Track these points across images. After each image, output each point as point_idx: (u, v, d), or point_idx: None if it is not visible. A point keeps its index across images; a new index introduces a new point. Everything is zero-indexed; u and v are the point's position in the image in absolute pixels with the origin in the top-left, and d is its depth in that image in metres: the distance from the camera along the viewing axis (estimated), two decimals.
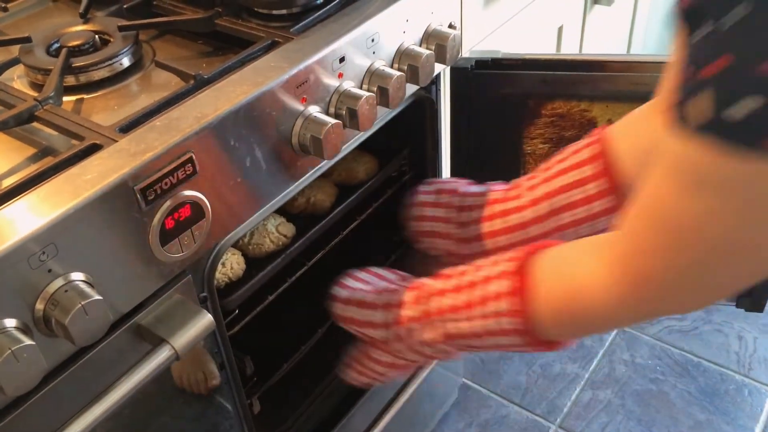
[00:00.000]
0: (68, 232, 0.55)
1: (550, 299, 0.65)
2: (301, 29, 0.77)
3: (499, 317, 0.68)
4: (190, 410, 0.77)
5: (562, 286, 0.64)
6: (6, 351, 0.51)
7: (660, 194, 0.51)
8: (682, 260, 0.52)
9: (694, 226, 0.49)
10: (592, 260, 0.60)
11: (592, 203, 0.80)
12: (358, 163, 1.02)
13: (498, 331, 0.69)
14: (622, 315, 0.62)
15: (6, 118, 0.66)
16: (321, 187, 0.99)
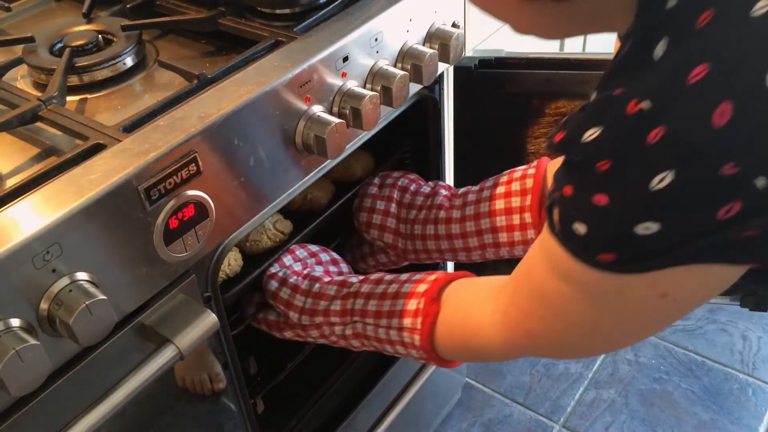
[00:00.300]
0: (72, 231, 0.55)
1: (448, 328, 0.74)
2: (305, 29, 0.77)
3: (410, 332, 0.76)
4: (193, 410, 0.77)
5: (459, 320, 0.73)
6: (10, 351, 0.51)
7: (535, 265, 0.58)
8: (551, 326, 0.59)
9: (558, 303, 0.56)
10: (485, 304, 0.68)
11: (513, 232, 0.88)
12: (356, 160, 1.03)
13: (406, 343, 0.77)
14: (508, 355, 0.70)
15: (10, 118, 0.66)
16: (318, 184, 0.98)
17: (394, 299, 0.79)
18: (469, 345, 0.72)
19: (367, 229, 0.98)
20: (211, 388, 0.78)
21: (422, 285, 0.78)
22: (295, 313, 0.86)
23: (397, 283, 0.81)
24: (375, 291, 0.82)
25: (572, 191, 0.48)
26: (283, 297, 0.87)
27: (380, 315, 0.79)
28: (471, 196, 0.92)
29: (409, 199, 0.97)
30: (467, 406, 1.45)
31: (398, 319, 0.78)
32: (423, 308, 0.75)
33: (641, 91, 0.43)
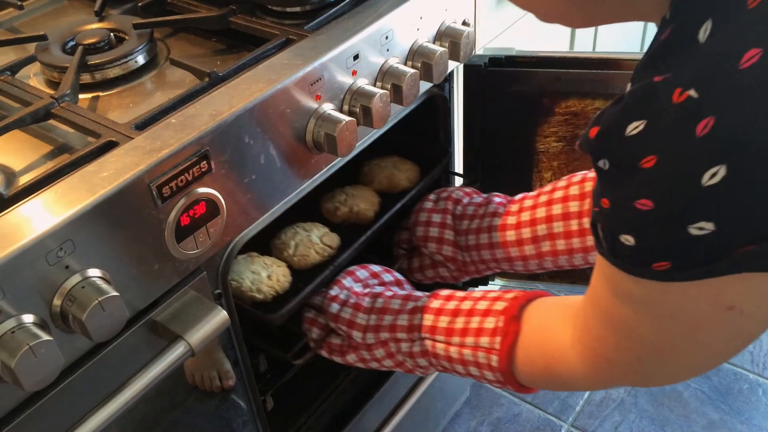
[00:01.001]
0: (85, 228, 0.55)
1: (529, 351, 0.69)
2: (315, 27, 0.78)
3: (487, 353, 0.71)
4: (203, 407, 0.78)
5: (540, 344, 0.68)
6: (24, 346, 0.51)
7: (598, 289, 0.55)
8: (628, 354, 0.56)
9: (627, 329, 0.54)
10: (565, 328, 0.64)
11: (571, 238, 0.84)
12: (400, 171, 1.02)
13: (481, 364, 0.72)
14: (595, 385, 0.67)
15: (23, 116, 0.66)
16: (363, 196, 0.98)
17: (468, 316, 0.74)
18: (551, 372, 0.66)
19: (425, 243, 0.95)
20: (220, 385, 0.78)
21: (500, 303, 0.73)
22: (358, 332, 0.82)
23: (470, 300, 0.76)
24: (446, 307, 0.77)
25: (611, 202, 0.45)
26: (344, 317, 0.83)
27: (452, 332, 0.74)
28: (527, 201, 0.88)
29: (461, 211, 0.94)
30: (476, 405, 1.45)
31: (473, 338, 0.72)
32: (502, 327, 0.70)
33: (686, 78, 0.40)
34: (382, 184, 1.01)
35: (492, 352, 0.70)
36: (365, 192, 0.99)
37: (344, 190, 0.99)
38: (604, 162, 0.45)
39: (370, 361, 0.84)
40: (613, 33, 1.57)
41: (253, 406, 0.84)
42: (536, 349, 0.68)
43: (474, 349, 0.72)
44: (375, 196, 0.99)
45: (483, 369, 0.72)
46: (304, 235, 0.91)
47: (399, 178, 1.01)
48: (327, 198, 0.99)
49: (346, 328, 0.84)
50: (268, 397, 0.92)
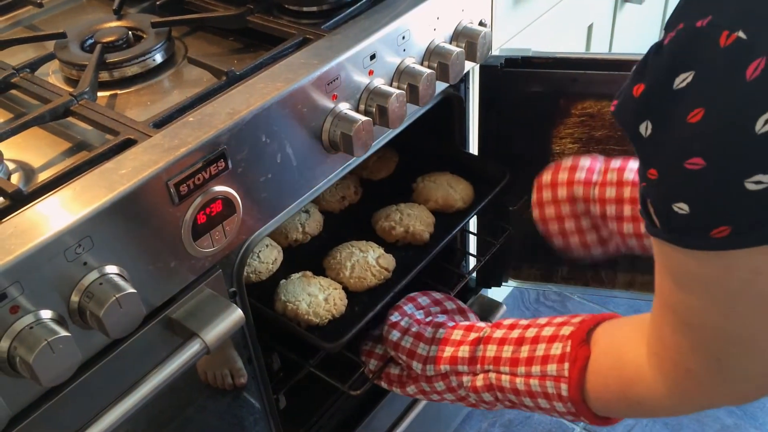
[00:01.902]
0: (103, 225, 0.55)
1: (602, 377, 0.64)
2: (332, 26, 0.78)
3: (555, 381, 0.66)
4: (216, 404, 0.78)
5: (613, 366, 0.62)
6: (42, 342, 0.51)
7: (662, 286, 0.51)
8: (705, 355, 0.50)
9: (697, 323, 0.49)
10: (639, 346, 0.58)
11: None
12: (455, 190, 1.00)
13: (550, 395, 0.67)
14: (680, 408, 0.58)
15: (42, 113, 0.67)
16: (419, 216, 0.97)
17: (533, 344, 0.69)
18: (628, 395, 0.60)
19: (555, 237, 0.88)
20: (232, 383, 0.78)
21: (567, 327, 0.68)
22: (418, 363, 0.80)
23: (535, 327, 0.71)
24: (509, 336, 0.72)
25: (658, 170, 0.42)
26: (405, 346, 0.82)
27: (517, 362, 0.70)
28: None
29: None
30: None
31: (539, 366, 0.68)
32: (570, 352, 0.65)
33: (731, 18, 0.37)
34: (437, 203, 0.99)
35: (561, 380, 0.65)
36: (421, 212, 0.98)
37: (399, 208, 0.98)
38: (646, 125, 0.41)
39: (430, 393, 0.81)
40: (629, 34, 1.56)
41: (266, 405, 0.85)
42: (609, 372, 0.63)
43: (541, 378, 0.67)
44: (430, 216, 0.98)
45: (552, 400, 0.67)
46: (360, 256, 0.90)
47: (455, 198, 0.99)
48: (381, 216, 0.98)
49: (406, 357, 0.81)
50: (281, 396, 0.93)
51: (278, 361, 0.93)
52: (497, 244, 1.05)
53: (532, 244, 1.08)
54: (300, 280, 0.87)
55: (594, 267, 1.12)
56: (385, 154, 1.11)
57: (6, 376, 0.53)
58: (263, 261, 0.92)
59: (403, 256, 0.92)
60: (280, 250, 0.96)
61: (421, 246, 0.94)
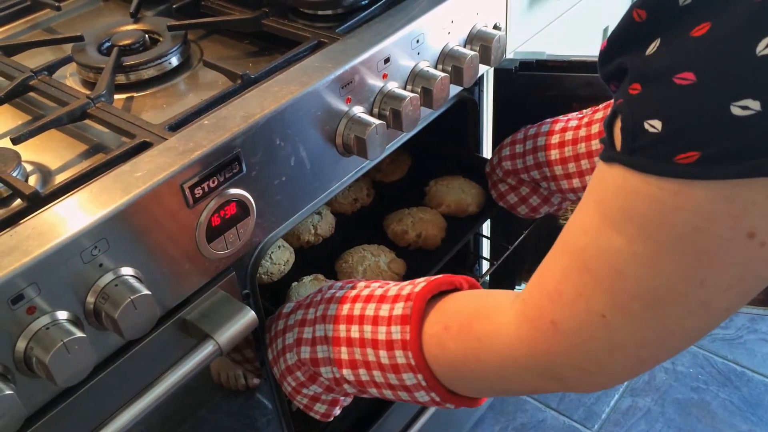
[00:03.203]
0: (119, 228, 0.56)
1: (440, 322, 0.60)
2: (347, 30, 0.78)
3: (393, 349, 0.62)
4: (229, 405, 0.78)
5: (459, 311, 0.59)
6: (58, 343, 0.52)
7: (577, 226, 0.46)
8: (588, 307, 0.45)
9: (604, 265, 0.44)
10: (503, 296, 0.55)
11: (571, 179, 0.86)
12: (467, 195, 1.00)
13: (394, 366, 0.63)
14: (510, 358, 0.53)
15: (60, 115, 0.67)
16: (431, 220, 0.96)
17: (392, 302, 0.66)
18: (471, 329, 0.56)
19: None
20: (245, 384, 0.79)
21: (410, 287, 0.66)
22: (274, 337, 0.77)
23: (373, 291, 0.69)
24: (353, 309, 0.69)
25: (643, 84, 0.40)
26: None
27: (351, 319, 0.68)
28: (571, 122, 0.90)
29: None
30: (500, 410, 1.45)
31: (380, 327, 0.64)
32: (413, 314, 0.62)
33: None
34: (450, 207, 0.99)
35: (403, 344, 0.61)
36: (433, 216, 0.97)
37: (411, 212, 0.98)
38: (655, 44, 0.40)
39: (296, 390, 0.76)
40: None
41: (278, 406, 0.85)
42: (453, 316, 0.59)
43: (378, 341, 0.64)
44: (442, 220, 0.98)
45: (404, 372, 0.62)
46: (372, 260, 0.90)
47: (467, 203, 1.00)
48: (393, 219, 0.98)
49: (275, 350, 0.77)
50: None
51: None
52: (510, 248, 1.05)
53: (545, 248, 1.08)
54: (312, 284, 0.87)
55: None
56: (398, 156, 1.11)
57: (22, 376, 0.54)
58: (275, 262, 0.93)
59: (415, 260, 0.91)
60: (292, 251, 0.96)
61: (432, 251, 0.94)
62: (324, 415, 0.78)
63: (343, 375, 0.69)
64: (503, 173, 0.98)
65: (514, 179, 0.97)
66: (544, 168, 0.92)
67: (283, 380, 0.76)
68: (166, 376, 0.62)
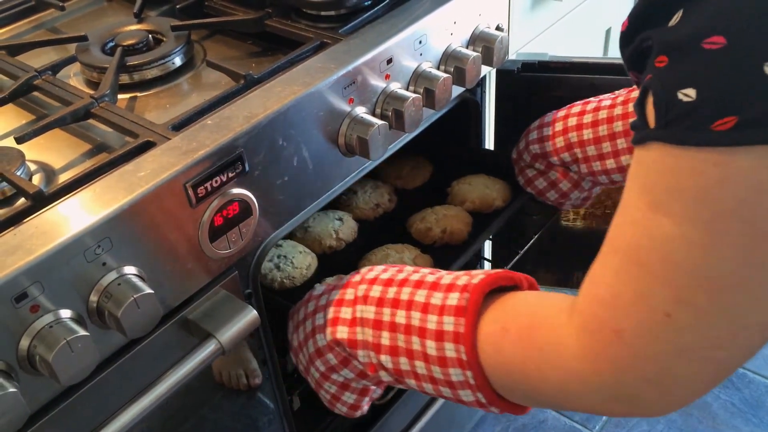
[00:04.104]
0: (122, 227, 0.56)
1: (498, 323, 0.56)
2: (350, 30, 0.78)
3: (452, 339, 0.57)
4: (230, 404, 0.79)
5: (516, 319, 0.55)
6: (61, 341, 0.52)
7: (625, 218, 0.44)
8: (650, 308, 0.41)
9: (657, 254, 0.41)
10: (559, 306, 0.51)
11: (605, 160, 0.85)
12: (491, 190, 0.99)
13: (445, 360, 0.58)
14: (581, 375, 0.47)
15: (63, 115, 0.68)
16: (456, 216, 0.95)
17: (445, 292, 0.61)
18: (532, 338, 0.52)
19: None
20: (246, 383, 0.79)
21: (465, 278, 0.61)
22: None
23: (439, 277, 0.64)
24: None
25: (670, 54, 0.38)
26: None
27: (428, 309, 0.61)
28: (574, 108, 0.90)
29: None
30: None
31: (432, 316, 0.60)
32: (469, 305, 0.57)
33: None
34: (474, 204, 0.98)
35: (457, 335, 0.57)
36: (457, 212, 0.96)
37: (434, 210, 0.97)
38: (679, 14, 0.39)
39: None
40: None
41: (280, 406, 0.85)
42: (511, 321, 0.54)
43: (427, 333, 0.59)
44: (467, 215, 0.96)
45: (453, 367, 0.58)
46: (396, 257, 0.88)
47: (493, 197, 0.98)
48: (416, 219, 0.97)
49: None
50: (295, 397, 0.93)
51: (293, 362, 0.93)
52: (520, 252, 1.04)
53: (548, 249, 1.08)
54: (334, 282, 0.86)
55: None
56: (419, 163, 1.10)
57: (25, 374, 0.54)
58: (297, 267, 0.92)
59: (441, 256, 0.90)
60: (314, 256, 0.95)
61: (459, 246, 0.93)
62: (352, 407, 0.74)
63: (380, 361, 0.64)
64: (531, 157, 0.95)
65: (542, 163, 0.94)
66: (575, 149, 0.89)
67: (310, 365, 0.72)
68: (168, 375, 0.62)
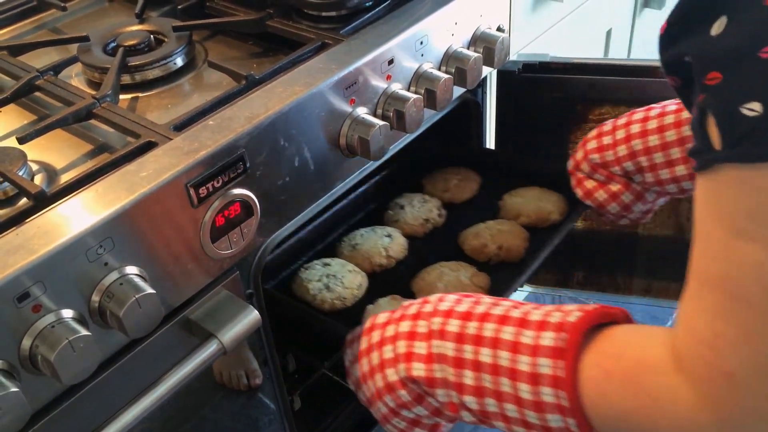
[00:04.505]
0: (124, 227, 0.56)
1: (602, 369, 0.52)
2: (351, 31, 0.78)
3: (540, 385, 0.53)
4: (231, 404, 0.79)
5: (618, 363, 0.51)
6: (63, 341, 0.52)
7: (707, 251, 0.42)
8: (757, 343, 0.39)
9: (755, 286, 0.38)
10: (661, 346, 0.47)
11: (674, 167, 0.80)
12: (546, 203, 0.95)
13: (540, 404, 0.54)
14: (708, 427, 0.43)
15: (65, 115, 0.68)
16: (511, 231, 0.91)
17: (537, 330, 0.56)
18: (640, 383, 0.48)
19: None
20: (247, 383, 0.79)
21: (558, 314, 0.56)
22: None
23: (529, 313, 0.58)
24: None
25: (723, 71, 0.37)
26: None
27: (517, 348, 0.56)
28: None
29: None
30: None
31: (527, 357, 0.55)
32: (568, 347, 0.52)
33: None
34: (530, 218, 0.93)
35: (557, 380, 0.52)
36: (513, 227, 0.92)
37: (488, 226, 0.93)
38: (720, 22, 0.37)
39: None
40: (648, 41, 1.55)
41: (281, 406, 0.85)
42: (613, 366, 0.50)
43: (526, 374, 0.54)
44: (523, 230, 0.91)
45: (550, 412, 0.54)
46: (452, 275, 0.84)
47: (549, 211, 0.93)
48: (469, 235, 0.93)
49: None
50: (296, 397, 0.93)
51: (294, 362, 0.93)
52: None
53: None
54: (389, 304, 0.81)
55: (610, 272, 1.12)
56: (467, 175, 1.06)
57: (27, 373, 0.54)
58: (347, 286, 0.88)
59: (497, 274, 0.84)
60: (364, 275, 0.91)
61: (515, 263, 0.87)
62: None
63: (463, 401, 0.59)
64: (590, 168, 0.90)
65: (603, 174, 0.89)
66: (639, 158, 0.84)
67: (377, 400, 0.66)
68: (169, 375, 0.62)
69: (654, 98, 0.94)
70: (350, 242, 0.96)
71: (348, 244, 0.96)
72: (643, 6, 1.47)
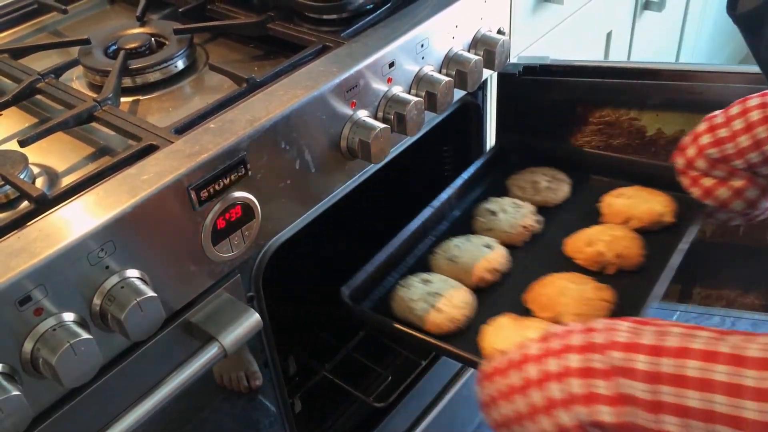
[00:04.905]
0: (125, 230, 0.56)
1: None
2: (352, 34, 0.78)
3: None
4: (232, 407, 0.79)
5: None
6: (65, 344, 0.52)
7: None
8: None
9: None
10: None
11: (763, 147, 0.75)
12: (656, 204, 0.88)
13: None
14: None
15: (66, 118, 0.68)
16: (627, 236, 0.85)
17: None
18: None
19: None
20: (247, 385, 0.79)
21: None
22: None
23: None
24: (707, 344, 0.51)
25: None
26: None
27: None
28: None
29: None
30: None
31: None
32: None
33: None
34: (642, 221, 0.86)
35: None
36: (627, 232, 0.85)
37: (599, 232, 0.85)
38: None
39: None
40: (648, 43, 1.55)
41: (282, 408, 0.85)
42: None
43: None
44: (638, 236, 0.84)
45: None
46: (575, 289, 0.77)
47: (660, 213, 0.86)
48: (579, 242, 0.86)
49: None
50: (297, 400, 0.93)
51: (294, 365, 0.94)
52: None
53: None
54: (510, 324, 0.75)
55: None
56: (555, 175, 0.99)
57: (29, 376, 0.54)
58: (456, 305, 0.81)
59: (618, 284, 0.78)
60: (469, 291, 0.84)
61: (634, 271, 0.82)
62: None
63: None
64: (707, 164, 0.81)
65: (723, 170, 0.81)
66: (766, 146, 0.76)
67: None
68: (170, 378, 0.62)
69: (655, 99, 0.94)
70: (446, 255, 0.88)
71: (443, 257, 0.88)
72: (643, 8, 1.47)
